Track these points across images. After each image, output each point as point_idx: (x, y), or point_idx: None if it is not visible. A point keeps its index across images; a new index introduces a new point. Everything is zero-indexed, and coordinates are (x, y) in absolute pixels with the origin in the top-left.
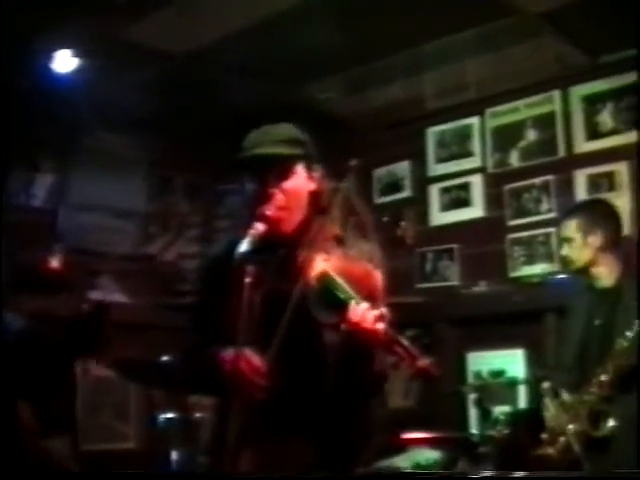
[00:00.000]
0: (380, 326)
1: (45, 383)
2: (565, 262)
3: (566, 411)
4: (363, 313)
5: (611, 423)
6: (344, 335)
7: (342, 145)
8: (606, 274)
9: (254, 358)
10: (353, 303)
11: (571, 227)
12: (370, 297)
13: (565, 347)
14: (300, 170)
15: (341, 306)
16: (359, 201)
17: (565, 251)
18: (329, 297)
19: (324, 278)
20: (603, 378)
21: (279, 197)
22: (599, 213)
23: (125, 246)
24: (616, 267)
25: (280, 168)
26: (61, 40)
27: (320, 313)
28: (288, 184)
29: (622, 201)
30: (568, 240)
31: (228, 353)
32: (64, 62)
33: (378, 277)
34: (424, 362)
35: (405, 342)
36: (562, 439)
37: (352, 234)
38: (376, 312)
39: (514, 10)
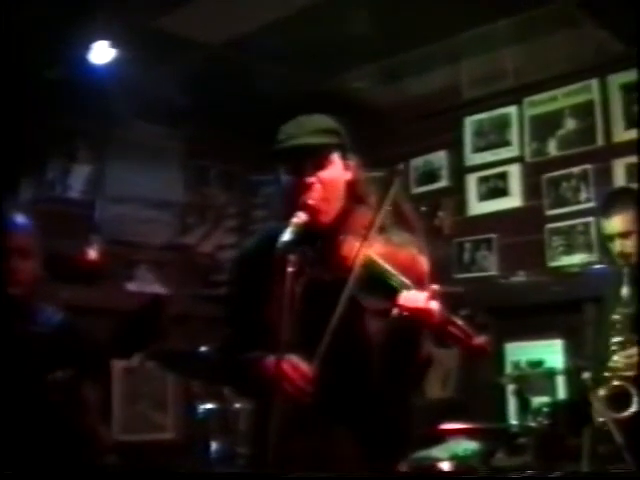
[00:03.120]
0: (434, 306)
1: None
2: (623, 256)
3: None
4: (415, 295)
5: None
6: (394, 321)
7: (379, 135)
8: None
9: (301, 364)
10: (403, 288)
11: (622, 221)
12: (417, 281)
13: (603, 337)
14: (336, 159)
15: (389, 292)
16: (408, 205)
17: (620, 247)
18: (376, 283)
19: (369, 264)
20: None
21: (317, 186)
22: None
23: (162, 237)
24: None
25: (316, 158)
26: (97, 31)
27: (368, 300)
28: (325, 173)
29: None
30: (625, 235)
31: (272, 360)
32: (101, 53)
33: (424, 261)
34: (480, 340)
35: (459, 321)
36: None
37: (395, 224)
38: (428, 293)
39: None
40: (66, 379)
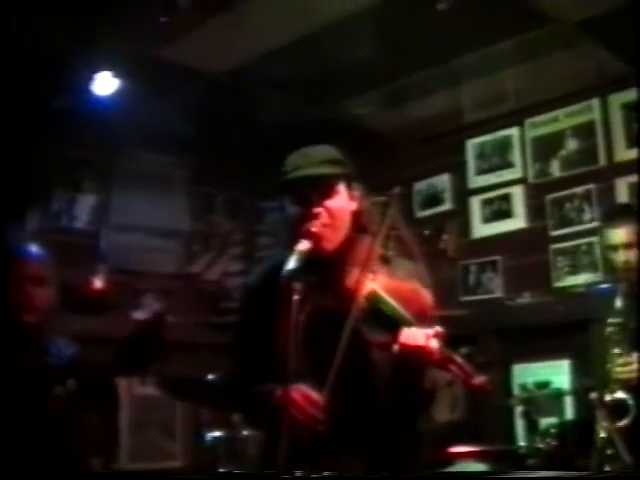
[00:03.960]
0: (433, 344)
1: (95, 402)
2: (626, 268)
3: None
4: (416, 333)
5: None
6: (396, 355)
7: (381, 160)
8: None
9: (311, 392)
10: (405, 323)
11: (627, 232)
12: (420, 316)
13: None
14: (341, 189)
15: (392, 325)
16: (407, 230)
17: (624, 257)
18: (379, 317)
19: (374, 298)
20: None
21: (322, 215)
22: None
23: (168, 265)
24: None
25: (322, 188)
26: (100, 61)
27: (371, 333)
28: (331, 203)
29: None
30: (629, 245)
31: (281, 390)
32: (104, 83)
33: (427, 295)
34: (478, 380)
35: (459, 360)
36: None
37: (396, 252)
38: (429, 331)
39: (552, 19)
40: (68, 397)
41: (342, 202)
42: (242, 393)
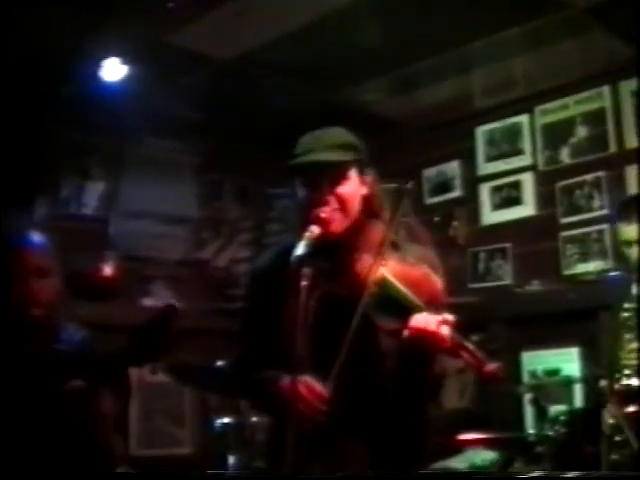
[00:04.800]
0: (445, 331)
1: (107, 389)
2: None
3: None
4: (427, 318)
5: None
6: (406, 341)
7: (391, 146)
8: None
9: (315, 384)
10: (415, 309)
11: None
12: (431, 301)
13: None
14: (353, 174)
15: (402, 312)
16: (418, 223)
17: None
18: (389, 303)
19: (384, 283)
20: None
21: (332, 201)
22: None
23: (177, 252)
24: None
25: (333, 173)
26: (109, 47)
27: (381, 319)
28: (341, 189)
29: None
30: None
31: (287, 381)
32: (112, 69)
33: (437, 281)
34: (491, 366)
35: (471, 347)
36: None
37: (407, 238)
38: (440, 317)
39: (562, 5)
40: (81, 389)
41: (353, 187)
42: (248, 379)
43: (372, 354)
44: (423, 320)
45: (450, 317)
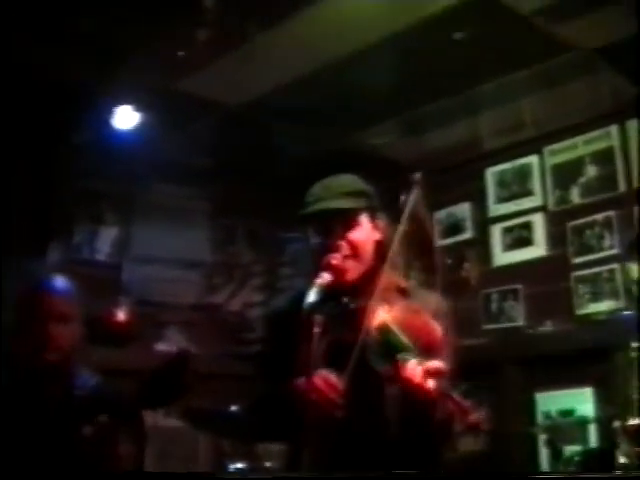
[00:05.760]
0: (430, 381)
1: (122, 434)
2: None
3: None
4: (413, 368)
5: None
6: (400, 389)
7: (400, 189)
8: None
9: (330, 376)
10: (406, 357)
11: None
12: (428, 349)
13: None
14: (365, 220)
15: (397, 360)
16: (426, 214)
17: None
18: (387, 349)
19: (383, 329)
20: None
21: (344, 247)
22: None
23: (190, 297)
24: None
25: (345, 220)
26: (121, 94)
27: (378, 364)
28: (353, 235)
29: None
30: None
31: (303, 380)
32: (124, 116)
33: (438, 329)
34: (475, 417)
35: (456, 397)
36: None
37: (417, 283)
38: (429, 366)
39: (569, 46)
40: (96, 434)
41: (365, 234)
42: (264, 401)
43: (374, 399)
44: (410, 370)
45: (439, 366)
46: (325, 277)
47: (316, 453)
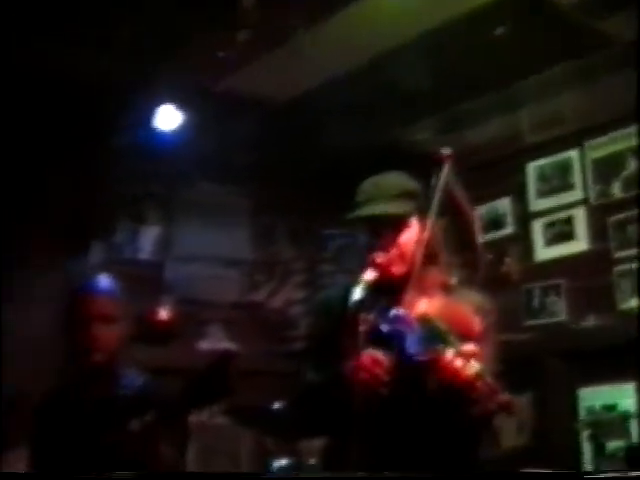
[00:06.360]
0: (467, 367)
1: (167, 433)
2: None
3: None
4: (451, 357)
5: None
6: (437, 377)
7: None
8: None
9: (378, 354)
10: (448, 346)
11: None
12: (467, 339)
13: None
14: (414, 223)
15: (437, 348)
16: (460, 190)
17: None
18: (426, 339)
19: (424, 320)
20: None
21: (393, 248)
22: None
23: (232, 294)
24: None
25: (395, 224)
26: (163, 94)
27: (417, 353)
28: (402, 237)
29: None
30: None
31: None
32: (167, 116)
33: (476, 322)
34: (504, 397)
35: (488, 379)
36: None
37: (459, 279)
38: (465, 349)
39: (608, 40)
40: (142, 429)
41: (413, 234)
42: (308, 396)
43: (413, 386)
44: (448, 359)
45: (474, 349)
46: (371, 274)
47: (363, 442)
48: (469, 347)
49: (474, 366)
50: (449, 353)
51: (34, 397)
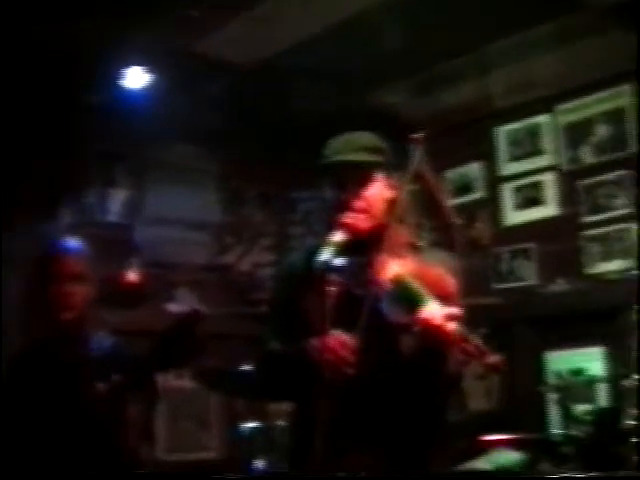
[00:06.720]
0: (450, 324)
1: (135, 395)
2: None
3: None
4: (434, 312)
5: None
6: (416, 336)
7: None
8: None
9: (343, 336)
10: (425, 304)
11: None
12: (443, 300)
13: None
14: (379, 178)
15: (414, 308)
16: (431, 173)
17: None
18: (402, 299)
19: (398, 281)
20: None
21: (358, 204)
22: None
23: (201, 257)
24: None
25: (360, 175)
26: (132, 56)
27: (393, 314)
28: (367, 191)
29: None
30: None
31: (314, 340)
32: (136, 78)
33: (451, 281)
34: (493, 358)
35: (475, 340)
36: None
37: (428, 242)
38: (446, 311)
39: (583, 4)
40: (110, 390)
41: (379, 190)
42: (275, 355)
43: (387, 350)
44: (430, 313)
45: (457, 311)
46: (339, 235)
47: (328, 411)
48: (454, 309)
49: (460, 327)
50: (432, 308)
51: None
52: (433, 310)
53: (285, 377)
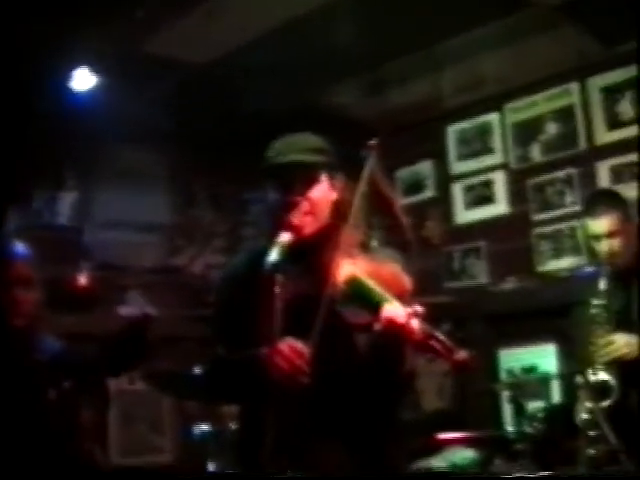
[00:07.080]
0: (414, 322)
1: (86, 398)
2: (610, 257)
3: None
4: (396, 311)
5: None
6: (376, 336)
7: (362, 148)
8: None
9: (297, 344)
10: (384, 303)
11: (608, 221)
12: (399, 298)
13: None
14: (323, 178)
15: (372, 308)
16: (384, 180)
17: (607, 246)
18: (359, 299)
19: (353, 281)
20: None
21: (303, 205)
22: (623, 202)
23: (152, 260)
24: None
25: (304, 176)
26: (78, 57)
27: (350, 314)
28: (312, 192)
29: None
30: (612, 234)
31: (267, 348)
32: (83, 79)
33: (406, 279)
34: (461, 355)
35: (441, 337)
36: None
37: (378, 241)
38: (409, 309)
39: (530, 2)
40: (61, 395)
41: (323, 191)
42: (226, 362)
43: (343, 351)
44: (393, 312)
45: (419, 309)
46: (285, 236)
47: (280, 413)
48: (418, 307)
49: (423, 325)
50: (397, 313)
51: None
52: (395, 309)
53: (236, 383)
